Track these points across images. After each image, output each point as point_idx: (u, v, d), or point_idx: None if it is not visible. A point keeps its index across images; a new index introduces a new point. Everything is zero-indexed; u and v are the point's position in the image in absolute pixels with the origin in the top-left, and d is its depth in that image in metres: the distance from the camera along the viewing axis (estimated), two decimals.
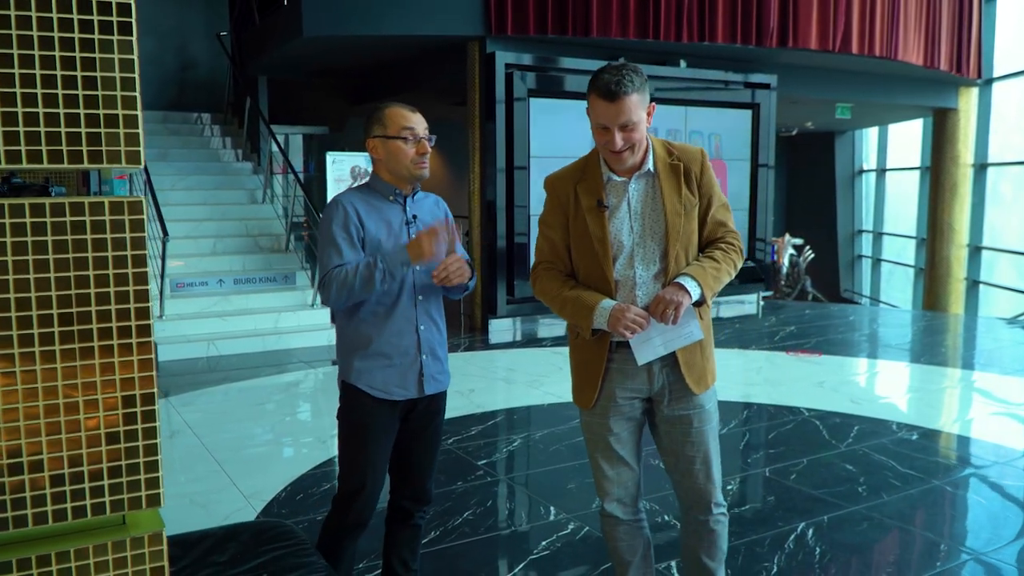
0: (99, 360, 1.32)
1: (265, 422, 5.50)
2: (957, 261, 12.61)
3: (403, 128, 2.44)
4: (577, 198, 2.31)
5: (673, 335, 2.23)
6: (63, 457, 1.32)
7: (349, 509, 2.53)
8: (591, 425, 2.40)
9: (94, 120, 1.28)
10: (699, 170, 2.29)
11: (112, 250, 1.31)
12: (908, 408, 5.78)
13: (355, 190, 2.56)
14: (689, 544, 2.47)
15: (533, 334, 8.79)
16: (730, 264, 2.28)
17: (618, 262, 2.27)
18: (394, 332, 2.48)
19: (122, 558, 1.37)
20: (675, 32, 8.61)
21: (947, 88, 12.10)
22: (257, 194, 9.99)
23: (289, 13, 8.61)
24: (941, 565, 3.25)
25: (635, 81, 2.13)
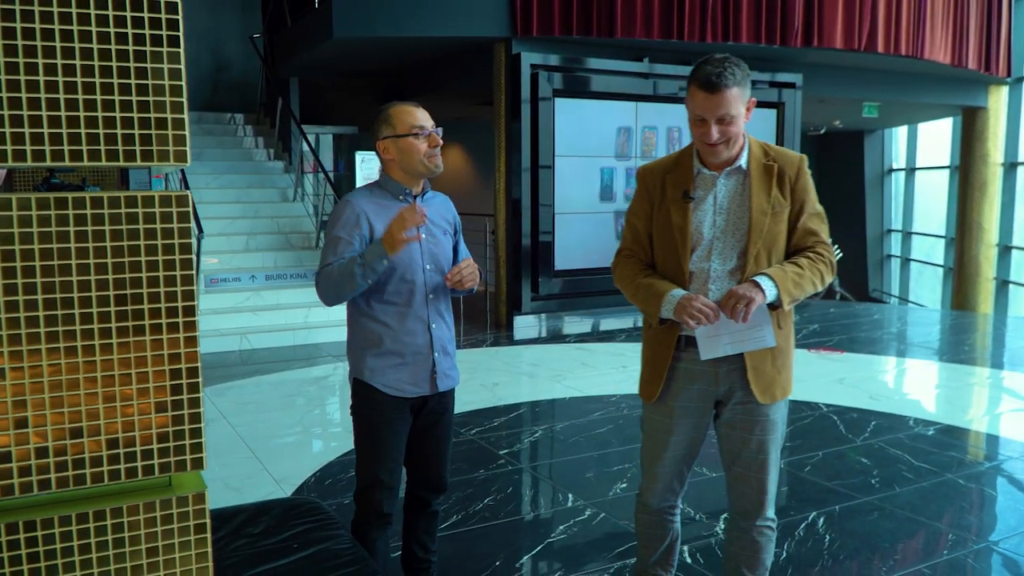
0: (150, 337, 1.48)
1: (295, 413, 5.68)
2: (986, 260, 12.53)
3: (412, 126, 2.45)
4: (664, 188, 2.29)
5: (743, 336, 2.17)
6: (118, 423, 1.48)
7: (370, 502, 2.56)
8: (652, 420, 2.38)
9: (146, 122, 1.44)
10: (794, 175, 2.24)
11: (161, 239, 1.47)
12: (927, 404, 5.84)
13: (366, 189, 2.56)
14: (731, 552, 2.45)
15: (558, 330, 8.91)
16: (816, 274, 2.20)
17: (695, 254, 2.24)
18: (407, 331, 2.49)
19: (168, 515, 1.52)
20: (699, 32, 8.70)
21: (976, 87, 12.03)
22: (288, 192, 10.22)
23: (320, 16, 8.81)
24: (948, 553, 3.34)
25: (736, 74, 2.10)
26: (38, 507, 1.45)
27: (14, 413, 1.41)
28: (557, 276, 8.98)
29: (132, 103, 1.43)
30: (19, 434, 1.41)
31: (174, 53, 1.46)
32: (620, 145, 9.15)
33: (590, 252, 9.14)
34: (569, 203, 8.93)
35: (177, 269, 1.49)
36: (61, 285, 1.41)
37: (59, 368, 1.43)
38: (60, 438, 1.44)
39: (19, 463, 1.42)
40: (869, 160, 17.06)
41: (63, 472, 1.45)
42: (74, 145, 1.40)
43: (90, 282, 1.43)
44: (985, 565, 3.26)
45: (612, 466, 4.39)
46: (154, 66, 1.44)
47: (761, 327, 2.16)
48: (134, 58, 1.42)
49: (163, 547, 1.52)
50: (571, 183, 8.92)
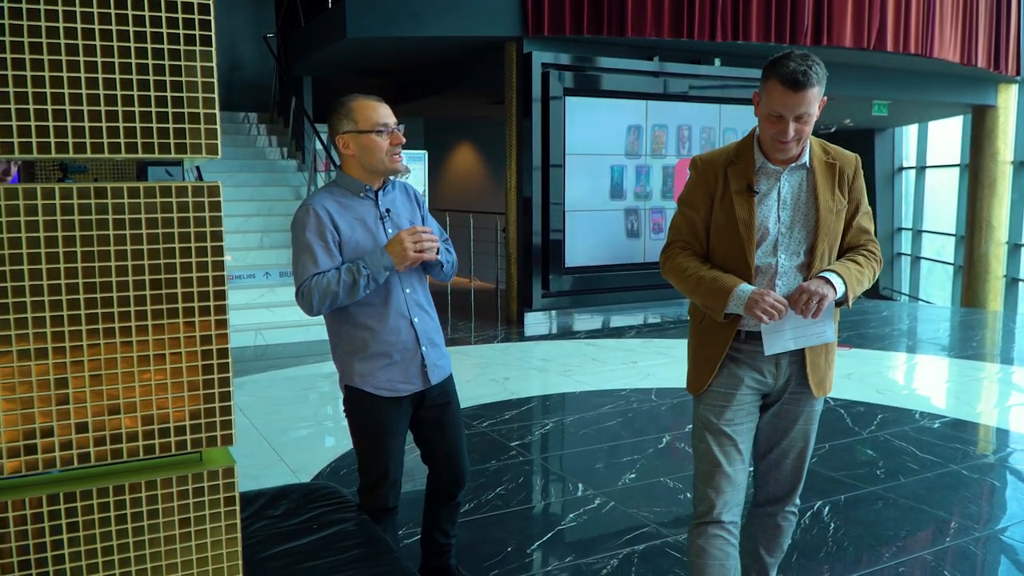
0: (183, 320, 1.57)
1: (309, 406, 5.78)
2: (996, 258, 12.53)
3: (376, 123, 2.37)
4: (727, 181, 2.24)
5: (806, 331, 2.17)
6: (153, 402, 1.57)
7: (375, 498, 2.57)
8: (706, 414, 2.28)
9: (180, 117, 1.53)
10: (852, 174, 2.26)
11: (194, 227, 1.56)
12: (933, 399, 5.89)
13: (324, 191, 2.48)
14: (752, 533, 2.44)
15: (568, 327, 8.99)
16: (871, 271, 2.24)
17: (760, 248, 2.21)
18: (390, 330, 2.44)
19: (200, 488, 1.61)
20: (709, 31, 8.75)
21: (985, 85, 12.03)
22: (302, 191, 10.32)
23: (333, 15, 8.91)
24: (950, 540, 3.40)
25: (819, 73, 2.08)
26: (78, 480, 1.54)
27: (56, 391, 1.49)
28: (567, 273, 9.05)
29: (167, 99, 1.52)
30: (60, 411, 1.50)
31: (206, 52, 1.55)
32: (630, 143, 9.21)
33: (600, 249, 9.21)
34: (580, 201, 9.00)
35: (209, 256, 1.58)
36: (100, 271, 1.50)
37: (98, 350, 1.51)
38: (99, 415, 1.53)
39: (60, 438, 1.50)
40: (879, 158, 17.06)
41: (101, 447, 1.54)
42: (113, 138, 1.49)
43: (127, 267, 1.52)
44: (988, 552, 3.32)
45: (622, 457, 4.46)
46: (187, 64, 1.53)
47: (824, 323, 2.17)
48: (169, 56, 1.51)
49: (194, 519, 1.60)
50: (582, 181, 8.99)
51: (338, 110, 2.41)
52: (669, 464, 4.37)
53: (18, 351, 1.46)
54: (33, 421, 1.49)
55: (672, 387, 6.03)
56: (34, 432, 1.49)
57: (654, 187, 9.48)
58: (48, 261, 1.45)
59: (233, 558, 1.65)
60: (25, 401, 1.47)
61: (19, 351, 1.46)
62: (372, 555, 2.28)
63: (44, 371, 1.48)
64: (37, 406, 1.49)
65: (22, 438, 1.48)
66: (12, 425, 1.47)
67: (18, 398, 1.47)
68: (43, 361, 1.47)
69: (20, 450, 1.48)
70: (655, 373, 6.57)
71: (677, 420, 5.23)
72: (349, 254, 2.39)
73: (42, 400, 1.49)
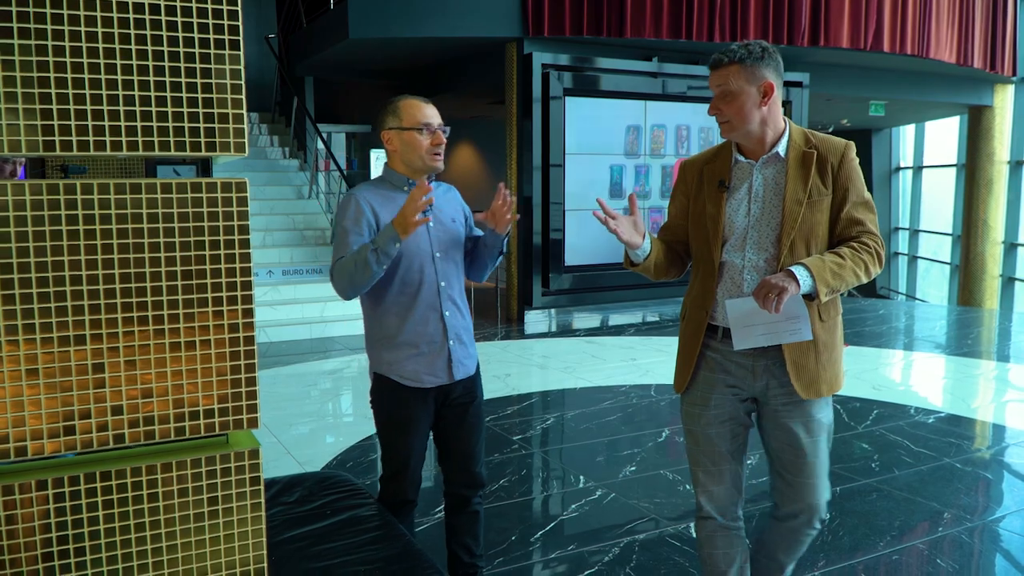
0: (212, 309, 1.66)
1: (312, 403, 5.87)
2: (992, 258, 12.64)
3: (419, 121, 2.44)
4: (702, 179, 2.27)
5: (778, 327, 2.10)
6: (183, 387, 1.66)
7: (395, 489, 2.60)
8: (687, 414, 2.32)
9: (210, 117, 1.62)
10: (837, 162, 2.15)
11: (223, 220, 1.64)
12: (927, 394, 5.99)
13: (370, 183, 2.56)
14: (769, 540, 2.37)
15: (568, 325, 9.08)
16: (859, 265, 2.09)
17: (728, 243, 2.20)
18: (419, 321, 2.48)
19: (226, 468, 1.70)
20: (707, 32, 8.85)
21: (982, 85, 12.14)
22: (303, 190, 10.41)
23: (335, 16, 9.00)
24: (943, 530, 3.50)
25: (743, 53, 2.10)
26: (113, 460, 1.63)
27: (93, 376, 1.58)
28: (567, 272, 9.14)
29: (198, 100, 1.61)
30: (97, 395, 1.59)
31: (235, 56, 1.64)
32: (629, 143, 9.30)
33: (600, 248, 9.30)
34: (579, 200, 9.09)
35: (236, 248, 1.67)
36: (135, 262, 1.59)
37: (133, 338, 1.60)
38: (133, 399, 1.62)
39: (97, 420, 1.59)
40: (877, 158, 17.17)
41: (135, 429, 1.63)
42: (147, 136, 1.58)
43: (160, 259, 1.61)
44: (979, 541, 3.41)
45: (622, 451, 4.55)
46: (217, 67, 1.62)
47: (797, 319, 2.09)
48: (200, 60, 1.60)
49: (222, 497, 1.69)
50: (581, 181, 9.08)
51: (385, 107, 2.50)
52: (668, 457, 4.46)
53: (58, 338, 1.55)
54: (72, 404, 1.57)
55: (670, 383, 6.11)
56: (73, 415, 1.58)
57: (653, 186, 9.58)
58: (87, 253, 1.54)
59: (258, 535, 1.74)
60: (65, 386, 1.56)
61: (59, 338, 1.55)
62: (384, 538, 2.37)
63: (82, 358, 1.57)
64: (76, 390, 1.57)
65: (62, 420, 1.57)
66: (53, 408, 1.56)
67: (58, 382, 1.56)
68: (81, 347, 1.56)
69: (60, 431, 1.57)
70: (654, 370, 6.66)
71: (676, 415, 5.32)
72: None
73: (80, 385, 1.58)
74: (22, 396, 1.55)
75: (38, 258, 1.51)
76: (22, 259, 1.51)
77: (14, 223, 1.49)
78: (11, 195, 1.48)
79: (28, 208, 1.50)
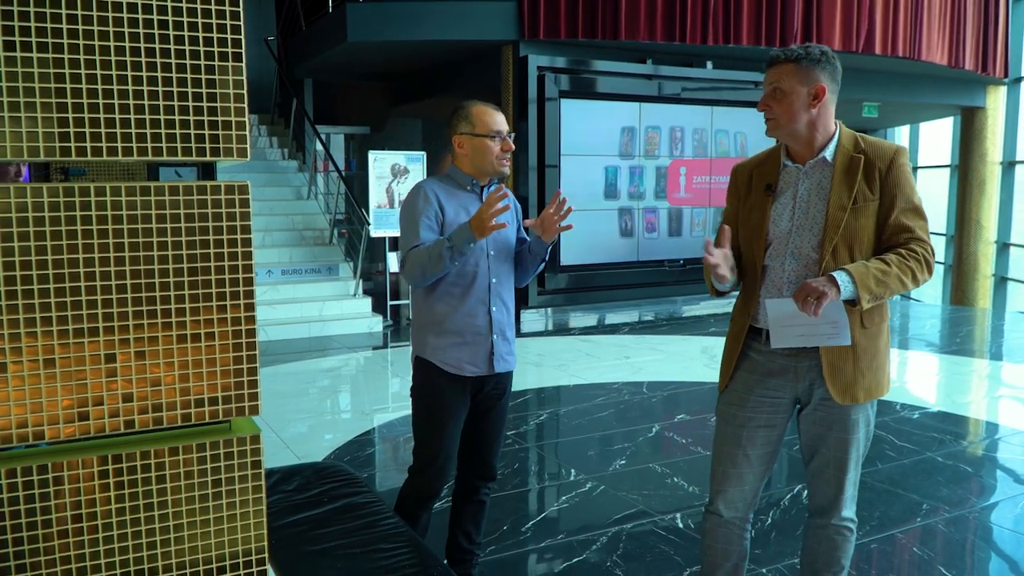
0: (216, 303, 1.77)
1: (310, 400, 5.98)
2: (985, 257, 12.76)
3: (491, 129, 2.58)
4: (751, 182, 2.29)
5: (816, 330, 2.10)
6: (189, 375, 1.77)
7: (424, 480, 2.66)
8: (722, 413, 2.34)
9: (215, 124, 1.73)
10: (885, 167, 2.14)
11: (227, 221, 1.76)
12: (914, 391, 6.10)
13: (436, 178, 2.69)
14: (808, 547, 2.37)
15: (564, 324, 9.19)
16: (906, 272, 2.07)
17: (772, 247, 2.21)
18: (468, 312, 2.58)
19: (229, 452, 1.81)
20: (701, 35, 8.96)
21: (974, 87, 12.26)
22: (302, 191, 10.52)
23: (334, 20, 9.12)
24: (921, 520, 3.62)
25: (803, 54, 2.13)
26: (124, 444, 1.75)
27: (106, 366, 1.70)
28: (563, 271, 9.25)
29: (203, 108, 1.73)
30: (110, 383, 1.71)
31: (238, 67, 1.75)
32: (624, 145, 9.42)
33: (595, 248, 9.42)
34: (574, 201, 9.07)
35: (239, 247, 1.78)
36: (144, 259, 1.70)
37: (143, 330, 1.72)
38: (143, 388, 1.73)
39: (110, 407, 1.71)
40: None
41: (144, 415, 1.74)
42: (156, 143, 1.69)
43: (168, 257, 1.72)
44: (955, 531, 3.53)
45: (613, 445, 4.67)
46: (221, 77, 1.74)
47: (836, 323, 2.08)
48: (205, 71, 1.72)
49: (225, 479, 1.81)
50: (576, 181, 9.20)
51: (458, 112, 2.62)
52: (658, 452, 4.58)
53: (73, 331, 1.66)
54: (86, 393, 1.69)
55: (663, 380, 6.25)
56: (87, 401, 1.69)
57: (647, 187, 9.69)
58: (100, 252, 1.66)
59: (259, 515, 1.86)
60: (79, 376, 1.68)
61: (74, 331, 1.66)
62: (377, 522, 2.49)
63: (96, 349, 1.68)
64: (90, 379, 1.69)
65: (76, 406, 1.69)
66: (68, 395, 1.68)
67: (73, 372, 1.67)
68: (95, 340, 1.68)
69: (75, 417, 1.69)
70: (647, 368, 6.78)
71: (667, 411, 5.44)
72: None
73: (94, 374, 1.69)
74: (40, 385, 1.67)
75: (55, 256, 1.63)
76: (40, 257, 1.62)
77: (33, 223, 1.61)
78: (30, 197, 1.60)
79: (46, 210, 1.62)
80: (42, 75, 1.59)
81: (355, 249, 9.29)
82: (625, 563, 3.20)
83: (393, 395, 6.28)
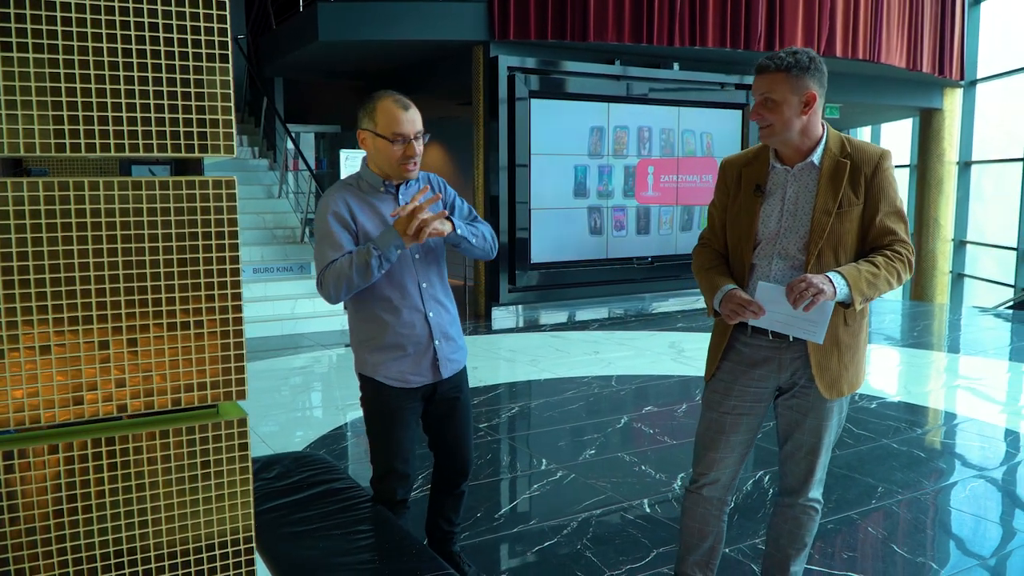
0: (204, 293, 1.86)
1: (285, 396, 6.04)
2: (942, 255, 13.11)
3: (393, 132, 2.38)
4: (740, 181, 2.34)
5: (795, 321, 2.16)
6: (179, 362, 1.86)
7: (385, 491, 2.65)
8: (707, 399, 2.42)
9: (203, 121, 1.82)
10: (871, 171, 2.20)
11: (214, 215, 1.85)
12: (874, 382, 6.30)
13: (346, 183, 2.51)
14: (775, 524, 2.49)
15: (534, 320, 9.32)
16: (892, 273, 2.16)
17: (759, 248, 2.28)
18: (404, 323, 2.48)
19: (217, 435, 1.90)
20: (668, 37, 9.13)
21: (932, 89, 12.59)
22: (273, 189, 10.54)
23: (305, 18, 9.16)
24: (876, 503, 3.78)
25: (791, 62, 2.15)
26: (117, 427, 1.83)
27: (99, 352, 1.78)
28: (533, 269, 9.38)
29: (192, 106, 1.82)
30: (103, 369, 1.79)
31: (224, 68, 1.85)
32: (593, 144, 9.57)
33: (565, 246, 9.56)
34: (544, 199, 9.34)
35: (226, 239, 1.87)
36: (136, 251, 1.79)
37: (135, 318, 1.80)
38: (135, 373, 1.82)
39: (103, 392, 1.79)
40: None
41: (136, 400, 1.83)
42: (147, 139, 1.78)
43: (159, 249, 1.81)
44: (908, 512, 3.70)
45: (583, 436, 4.80)
46: (209, 78, 1.83)
47: (816, 321, 2.13)
48: (194, 72, 1.81)
49: (213, 460, 1.90)
50: (546, 180, 9.33)
51: (365, 105, 2.44)
52: (627, 442, 4.71)
53: (68, 319, 1.74)
54: (81, 378, 1.77)
55: (632, 375, 6.39)
56: (81, 387, 1.78)
57: (616, 186, 9.85)
58: (94, 243, 1.74)
59: (246, 495, 1.95)
60: (74, 360, 1.76)
61: (69, 319, 1.75)
62: (356, 506, 2.58)
63: (90, 336, 1.77)
64: (84, 366, 1.77)
65: (71, 391, 1.77)
66: (64, 380, 1.76)
67: (68, 359, 1.76)
68: (89, 327, 1.76)
69: (70, 401, 1.77)
70: (616, 362, 6.92)
71: (636, 404, 5.58)
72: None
73: (88, 360, 1.78)
74: (36, 371, 1.75)
75: (51, 247, 1.71)
76: (36, 249, 1.70)
77: (29, 216, 1.69)
78: (27, 191, 1.68)
79: (42, 203, 1.70)
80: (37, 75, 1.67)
81: None
82: (595, 546, 3.32)
83: None
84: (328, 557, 2.26)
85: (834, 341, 2.24)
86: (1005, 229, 12.62)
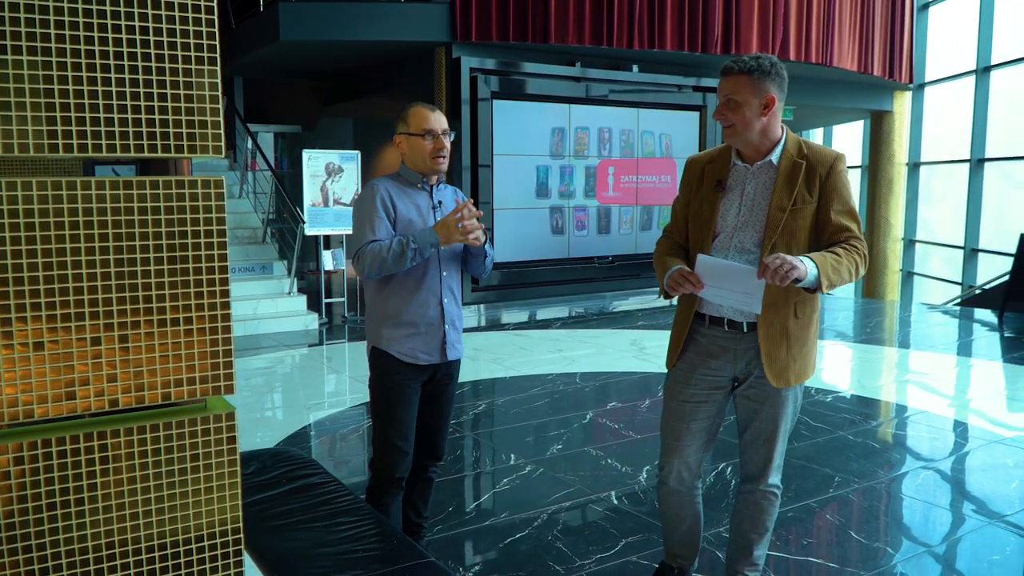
0: (193, 290, 1.91)
1: (252, 395, 6.04)
2: (893, 254, 13.48)
3: (423, 128, 2.73)
4: (703, 177, 2.47)
5: (733, 294, 2.29)
6: (169, 357, 1.91)
7: (386, 468, 2.80)
8: (669, 389, 2.56)
9: (192, 123, 1.87)
10: (825, 172, 2.33)
11: (203, 213, 1.90)
12: (827, 377, 6.50)
13: (388, 176, 2.85)
14: (738, 510, 2.61)
15: (497, 319, 9.40)
16: (852, 264, 2.27)
17: (717, 240, 2.40)
18: (420, 304, 2.74)
19: (206, 428, 1.95)
20: (627, 39, 9.28)
21: (882, 92, 12.94)
22: (234, 189, 10.48)
23: (266, 18, 9.12)
24: (833, 491, 3.93)
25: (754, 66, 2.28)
26: (108, 421, 1.87)
27: (91, 348, 1.82)
28: (495, 269, 9.46)
29: (181, 108, 1.86)
30: (95, 364, 1.83)
31: (212, 70, 1.90)
32: (554, 145, 9.68)
33: (527, 246, 9.66)
34: (507, 199, 9.42)
35: (215, 238, 1.92)
36: (127, 249, 1.83)
37: (126, 315, 1.85)
38: (126, 369, 1.86)
39: (95, 387, 1.83)
40: None
41: (127, 395, 1.87)
42: (138, 140, 1.82)
43: (149, 247, 1.86)
44: (864, 499, 3.86)
45: (549, 432, 4.89)
46: (197, 80, 1.88)
47: (751, 293, 2.26)
48: (183, 74, 1.86)
49: (202, 453, 1.95)
50: (508, 181, 9.42)
51: (400, 114, 2.79)
52: (592, 437, 4.81)
53: (61, 316, 1.78)
54: (73, 374, 1.81)
55: (595, 371, 6.51)
56: (74, 382, 1.81)
57: (577, 186, 9.98)
58: (86, 242, 1.78)
59: (234, 487, 2.00)
60: (67, 356, 1.80)
61: (62, 315, 1.78)
62: (335, 499, 2.64)
63: (83, 332, 1.81)
64: (76, 361, 1.81)
65: (64, 386, 1.81)
66: (57, 375, 1.80)
67: (61, 355, 1.79)
68: (81, 323, 1.80)
69: (63, 396, 1.81)
70: (579, 360, 7.03)
71: (600, 400, 5.69)
72: (401, 231, 2.72)
73: (80, 356, 1.82)
74: (30, 367, 1.79)
75: (43, 245, 1.75)
76: (30, 247, 1.74)
77: (23, 215, 1.73)
78: (20, 191, 1.71)
79: (35, 203, 1.74)
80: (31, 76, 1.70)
81: (289, 247, 9.31)
82: (565, 537, 3.41)
83: (329, 392, 6.38)
84: (312, 548, 2.32)
85: (783, 332, 2.37)
86: (953, 228, 13.03)
